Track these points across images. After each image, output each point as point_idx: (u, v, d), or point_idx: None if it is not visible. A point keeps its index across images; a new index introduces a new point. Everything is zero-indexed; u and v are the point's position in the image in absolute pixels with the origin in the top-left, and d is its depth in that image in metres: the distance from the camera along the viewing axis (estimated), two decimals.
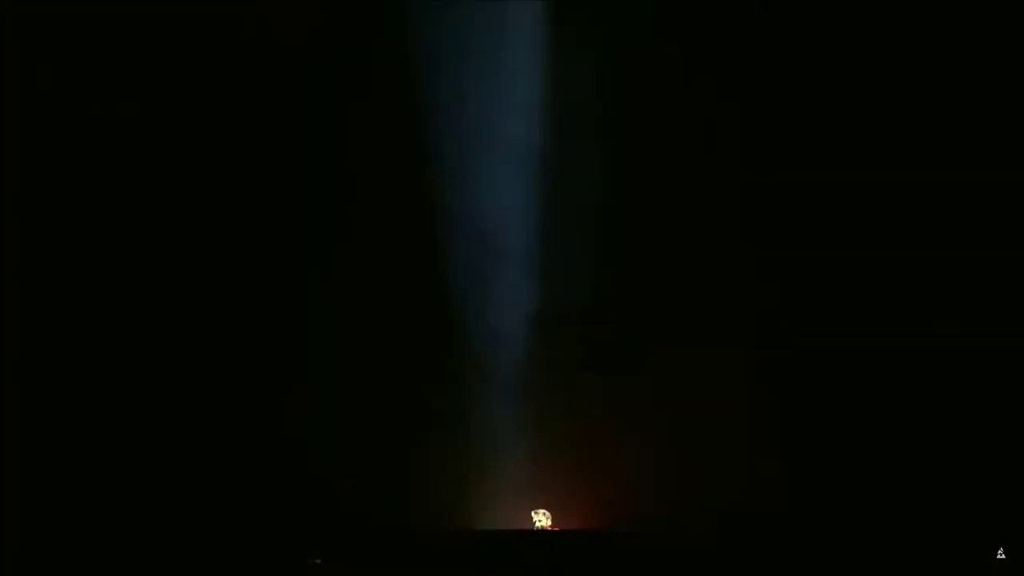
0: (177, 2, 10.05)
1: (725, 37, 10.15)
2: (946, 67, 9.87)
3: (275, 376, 10.06)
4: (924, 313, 9.92)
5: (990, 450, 9.50)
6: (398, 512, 9.69)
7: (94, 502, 9.37)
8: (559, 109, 10.41)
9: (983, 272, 9.83)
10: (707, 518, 9.63)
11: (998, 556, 8.42)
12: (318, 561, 6.88)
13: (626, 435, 10.16)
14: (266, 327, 10.19)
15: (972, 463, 9.49)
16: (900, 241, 10.01)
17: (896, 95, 9.97)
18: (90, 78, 9.94)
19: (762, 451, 9.90)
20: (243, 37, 10.15)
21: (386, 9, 10.33)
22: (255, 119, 10.30)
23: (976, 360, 9.69)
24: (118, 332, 9.91)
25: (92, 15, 9.83)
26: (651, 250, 10.33)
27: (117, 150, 10.09)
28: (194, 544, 7.08)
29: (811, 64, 10.10)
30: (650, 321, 10.30)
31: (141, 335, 9.99)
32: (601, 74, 10.36)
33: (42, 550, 7.27)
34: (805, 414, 9.92)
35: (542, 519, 9.19)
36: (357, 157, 10.43)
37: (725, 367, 10.12)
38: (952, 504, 9.33)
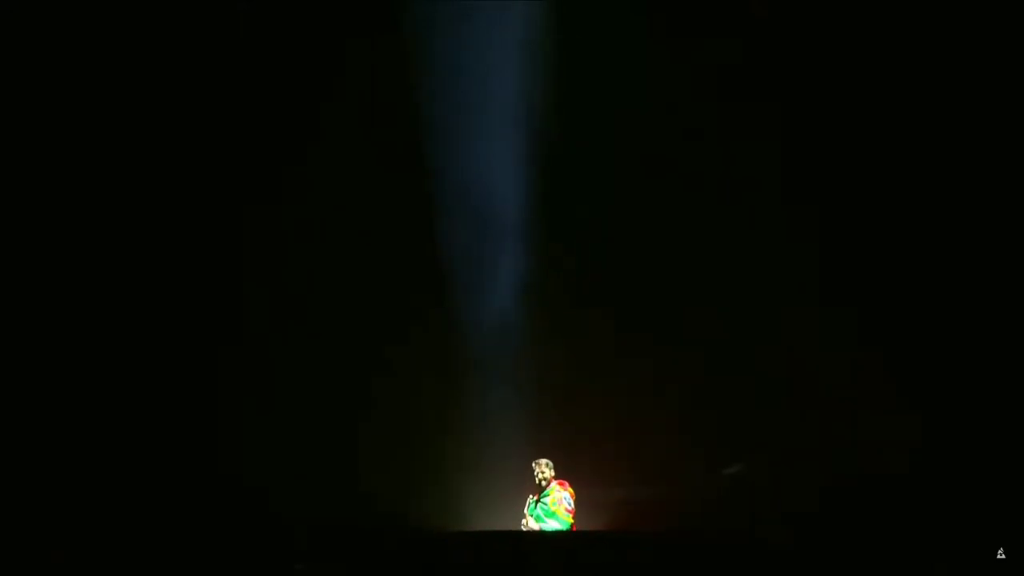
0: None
1: (723, 25, 10.11)
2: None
3: (262, 369, 10.08)
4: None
5: None
6: (391, 513, 9.71)
7: (83, 504, 9.45)
8: (556, 87, 10.41)
9: None
10: (710, 513, 9.68)
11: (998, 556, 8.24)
12: (299, 567, 6.87)
13: (626, 423, 10.18)
14: (257, 316, 10.21)
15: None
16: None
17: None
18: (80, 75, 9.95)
19: (760, 442, 9.93)
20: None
21: None
22: (250, 105, 10.30)
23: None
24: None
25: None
26: (649, 232, 10.32)
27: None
28: (178, 551, 7.10)
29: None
30: (649, 304, 10.30)
31: (137, 331, 10.04)
32: (600, 56, 10.35)
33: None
34: (807, 411, 9.92)
35: (545, 471, 8.87)
36: (353, 141, 10.43)
37: (724, 355, 10.12)
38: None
